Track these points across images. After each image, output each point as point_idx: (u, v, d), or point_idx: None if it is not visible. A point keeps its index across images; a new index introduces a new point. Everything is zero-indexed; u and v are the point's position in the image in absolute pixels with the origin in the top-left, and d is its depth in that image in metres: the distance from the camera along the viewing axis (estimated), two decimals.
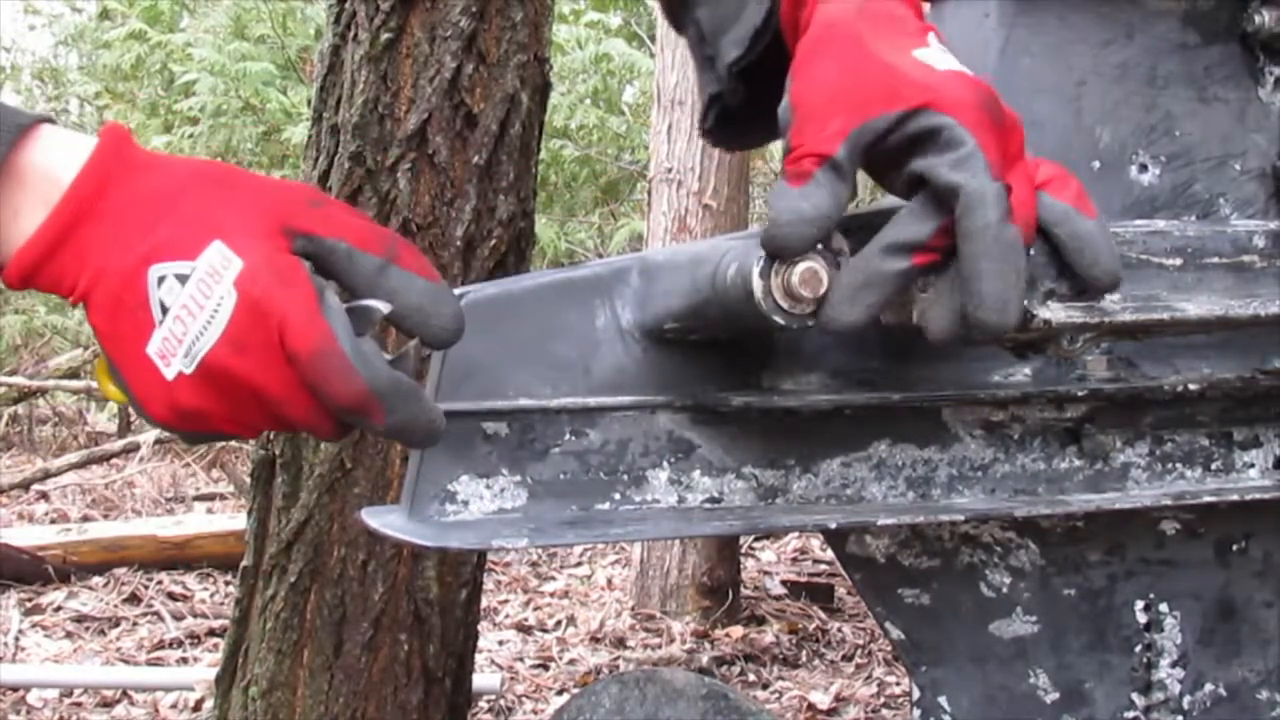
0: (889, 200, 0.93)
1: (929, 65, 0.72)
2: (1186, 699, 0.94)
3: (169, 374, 0.68)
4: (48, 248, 0.68)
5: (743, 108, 0.90)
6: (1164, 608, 0.94)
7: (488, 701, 3.14)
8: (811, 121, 0.71)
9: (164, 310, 0.67)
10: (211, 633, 3.63)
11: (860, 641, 3.72)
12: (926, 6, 0.99)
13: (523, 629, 3.88)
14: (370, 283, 0.71)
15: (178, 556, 4.31)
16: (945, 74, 0.72)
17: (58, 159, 0.69)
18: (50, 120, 0.71)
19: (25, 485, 5.30)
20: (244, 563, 1.93)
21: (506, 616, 4.00)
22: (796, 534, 4.66)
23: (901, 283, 0.70)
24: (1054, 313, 0.73)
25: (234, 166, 0.74)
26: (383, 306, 0.70)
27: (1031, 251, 0.71)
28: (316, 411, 0.69)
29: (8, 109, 0.69)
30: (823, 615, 4.00)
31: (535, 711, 3.16)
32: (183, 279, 0.67)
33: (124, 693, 3.13)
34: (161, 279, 0.67)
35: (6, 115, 0.69)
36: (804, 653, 3.66)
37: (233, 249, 0.67)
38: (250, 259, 0.67)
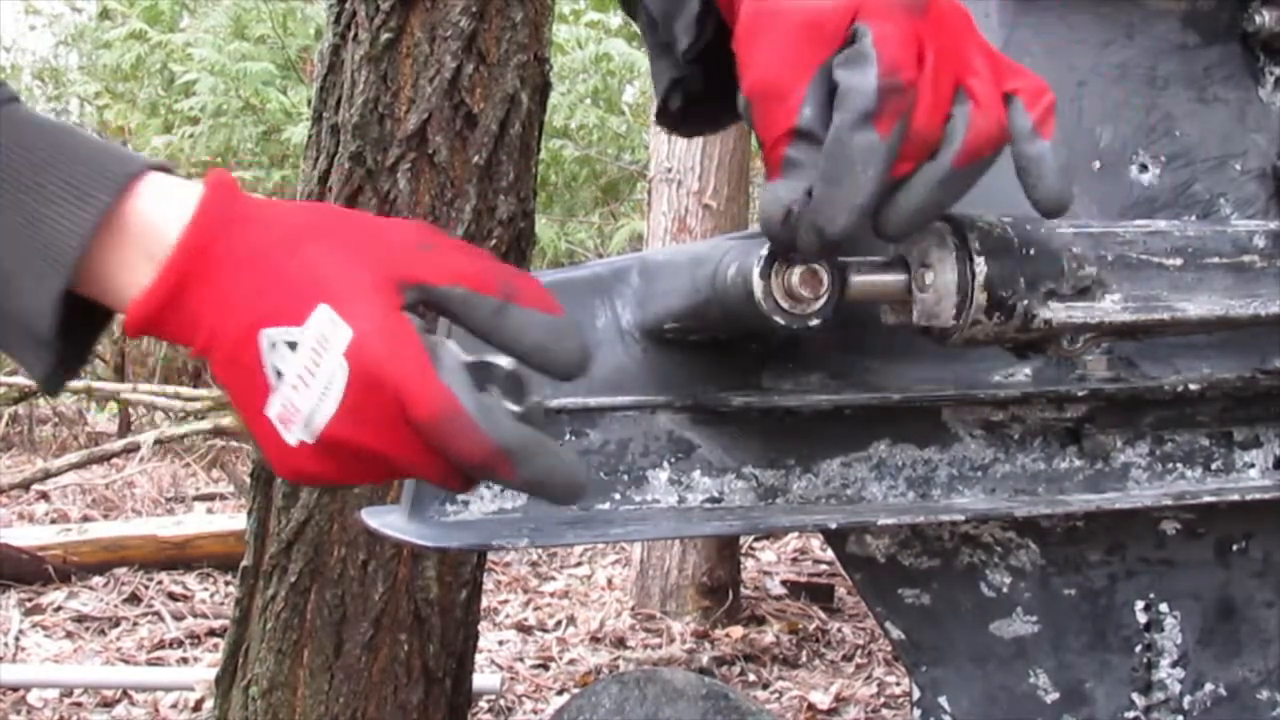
0: None
1: None
2: (1186, 699, 0.94)
3: (291, 440, 0.66)
4: (158, 307, 0.66)
5: (703, 93, 0.89)
6: (1164, 608, 0.94)
7: (488, 701, 3.13)
8: (767, 103, 0.70)
9: (279, 375, 0.66)
10: (211, 633, 3.63)
11: (860, 641, 3.72)
12: None
13: (523, 629, 3.88)
14: (488, 325, 0.68)
15: (178, 556, 4.31)
16: None
17: (163, 211, 0.67)
18: (164, 169, 0.69)
19: (25, 485, 5.30)
20: (244, 563, 1.93)
21: (506, 616, 4.00)
22: (796, 534, 4.66)
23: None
24: (1054, 313, 0.73)
25: (344, 211, 0.71)
26: (505, 363, 0.68)
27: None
28: (445, 470, 0.67)
29: (120, 153, 0.68)
30: (823, 615, 4.00)
31: (535, 711, 3.16)
32: (293, 345, 0.65)
33: (124, 693, 3.13)
34: (273, 344, 0.65)
35: (115, 162, 0.67)
36: (804, 653, 3.66)
37: (341, 314, 0.65)
38: (359, 326, 0.65)
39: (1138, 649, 0.94)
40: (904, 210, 0.69)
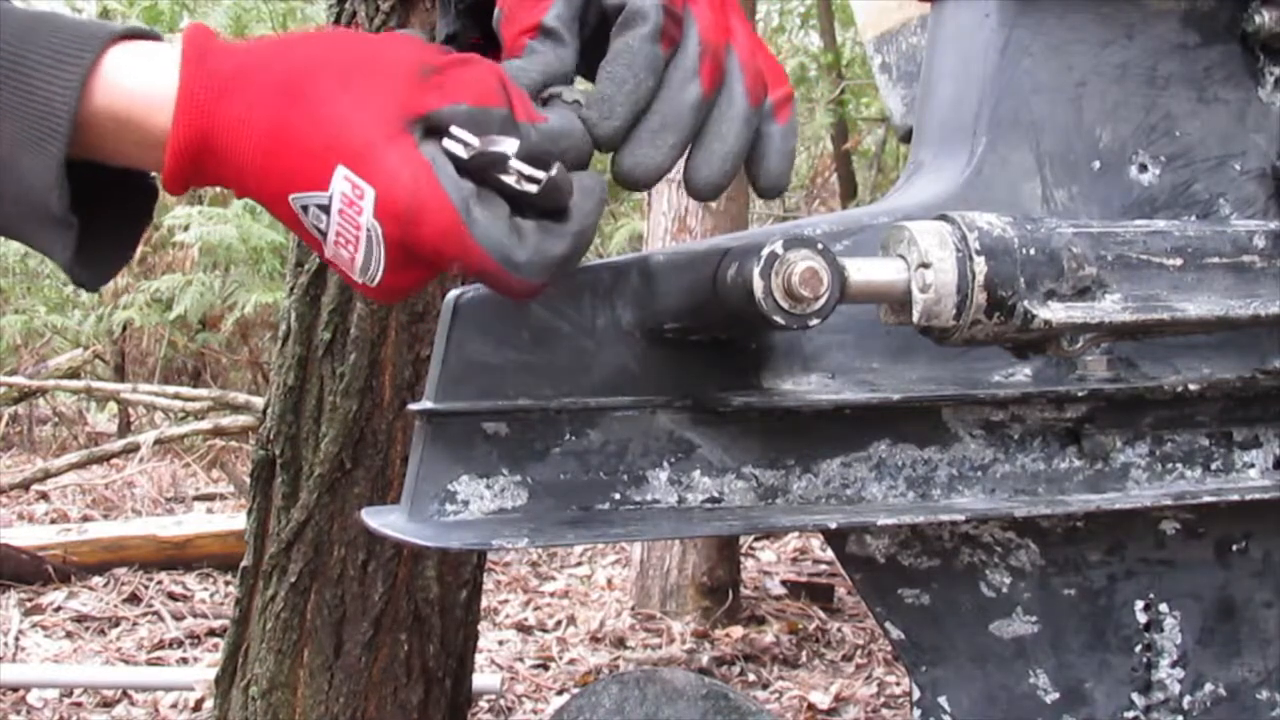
0: (889, 203, 0.93)
1: None
2: (1186, 699, 0.94)
3: (357, 279, 0.69)
4: (185, 170, 0.67)
5: (475, 48, 0.88)
6: (1164, 608, 0.94)
7: (488, 701, 3.13)
8: (518, 8, 0.73)
9: (321, 234, 0.67)
10: (211, 633, 3.62)
11: (860, 641, 3.72)
12: (926, 7, 0.99)
13: (523, 629, 3.88)
14: (499, 135, 0.69)
15: (178, 556, 4.31)
16: None
17: (148, 71, 0.67)
18: (145, 35, 0.69)
19: (25, 485, 5.30)
20: (244, 563, 1.93)
21: (506, 616, 4.00)
22: (796, 534, 4.66)
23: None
24: (1054, 313, 0.73)
25: (332, 37, 0.71)
26: (507, 148, 0.69)
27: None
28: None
29: (101, 22, 0.69)
30: (823, 615, 4.00)
31: (535, 711, 3.16)
32: (324, 208, 0.66)
33: (124, 693, 3.13)
34: (304, 208, 0.67)
35: (94, 27, 0.67)
36: (804, 653, 3.66)
37: (360, 174, 0.66)
38: (380, 184, 0.65)
39: (1138, 649, 0.94)
40: (719, 155, 0.74)
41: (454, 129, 0.67)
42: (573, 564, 4.72)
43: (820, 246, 0.70)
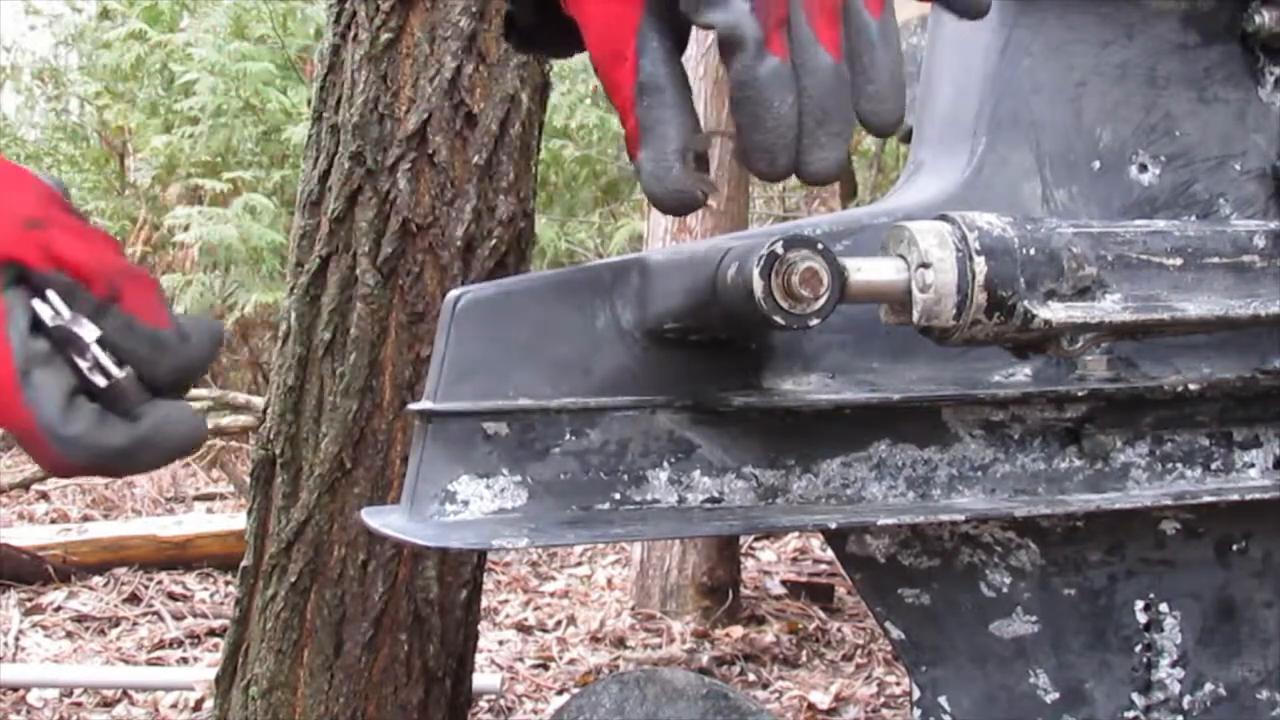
0: (889, 203, 0.93)
1: None
2: (1186, 699, 0.94)
3: None
4: None
5: (535, 25, 0.84)
6: (1164, 608, 0.94)
7: (488, 701, 3.13)
8: (608, 68, 0.68)
9: None
10: (211, 633, 3.62)
11: (860, 641, 3.72)
12: (926, 7, 0.99)
13: (523, 629, 3.88)
14: (88, 317, 0.65)
15: (178, 556, 4.31)
16: None
17: None
18: None
19: (25, 485, 5.30)
20: (244, 563, 1.93)
21: (506, 616, 3.99)
22: (796, 534, 4.66)
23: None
24: (1054, 313, 0.73)
25: None
26: (88, 334, 0.65)
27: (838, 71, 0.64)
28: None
29: None
30: (823, 615, 4.00)
31: (535, 711, 3.16)
32: None
33: (124, 693, 3.13)
34: None
35: None
36: (804, 653, 3.66)
37: None
38: None
39: (1138, 649, 0.94)
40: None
41: (49, 293, 0.65)
42: (573, 564, 4.72)
43: (820, 246, 0.70)
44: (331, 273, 1.84)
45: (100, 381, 0.65)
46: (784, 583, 4.33)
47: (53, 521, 4.98)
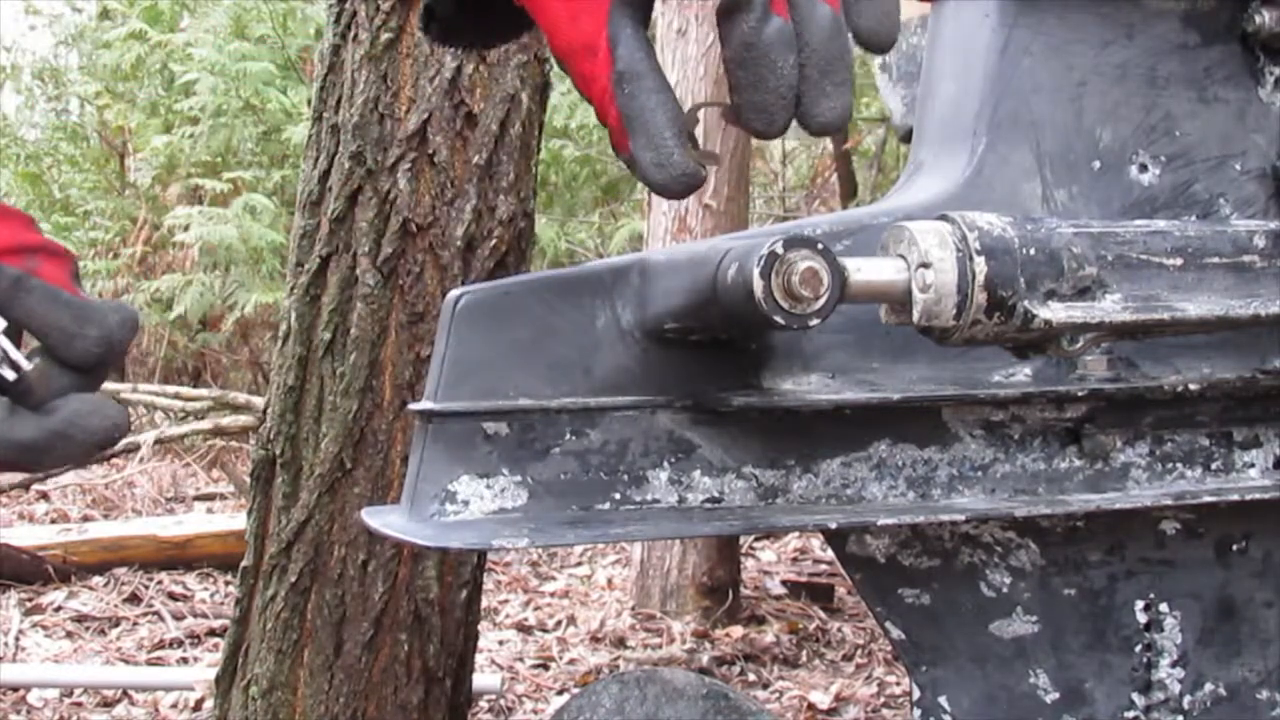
0: (889, 203, 0.93)
1: None
2: (1186, 699, 0.94)
3: None
4: None
5: (455, 16, 0.82)
6: (1164, 608, 0.94)
7: (488, 701, 3.13)
8: (578, 62, 0.66)
9: None
10: (211, 633, 3.62)
11: (860, 641, 3.72)
12: (926, 7, 0.99)
13: (523, 629, 3.88)
14: (6, 297, 0.65)
15: (178, 556, 4.31)
16: None
17: None
18: None
19: (25, 485, 5.30)
20: (244, 563, 1.93)
21: (506, 616, 3.99)
22: (796, 534, 4.66)
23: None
24: (1054, 313, 0.73)
25: None
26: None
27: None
28: None
29: None
30: (823, 615, 4.00)
31: (535, 711, 3.16)
32: None
33: (124, 693, 3.13)
34: None
35: None
36: (804, 653, 3.66)
37: None
38: None
39: (1138, 649, 0.94)
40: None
41: None
42: (573, 564, 4.72)
43: (820, 246, 0.70)
44: (331, 273, 1.84)
45: (8, 375, 0.64)
46: (784, 583, 4.33)
47: (53, 521, 4.98)
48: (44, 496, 5.49)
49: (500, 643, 3.71)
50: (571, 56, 0.67)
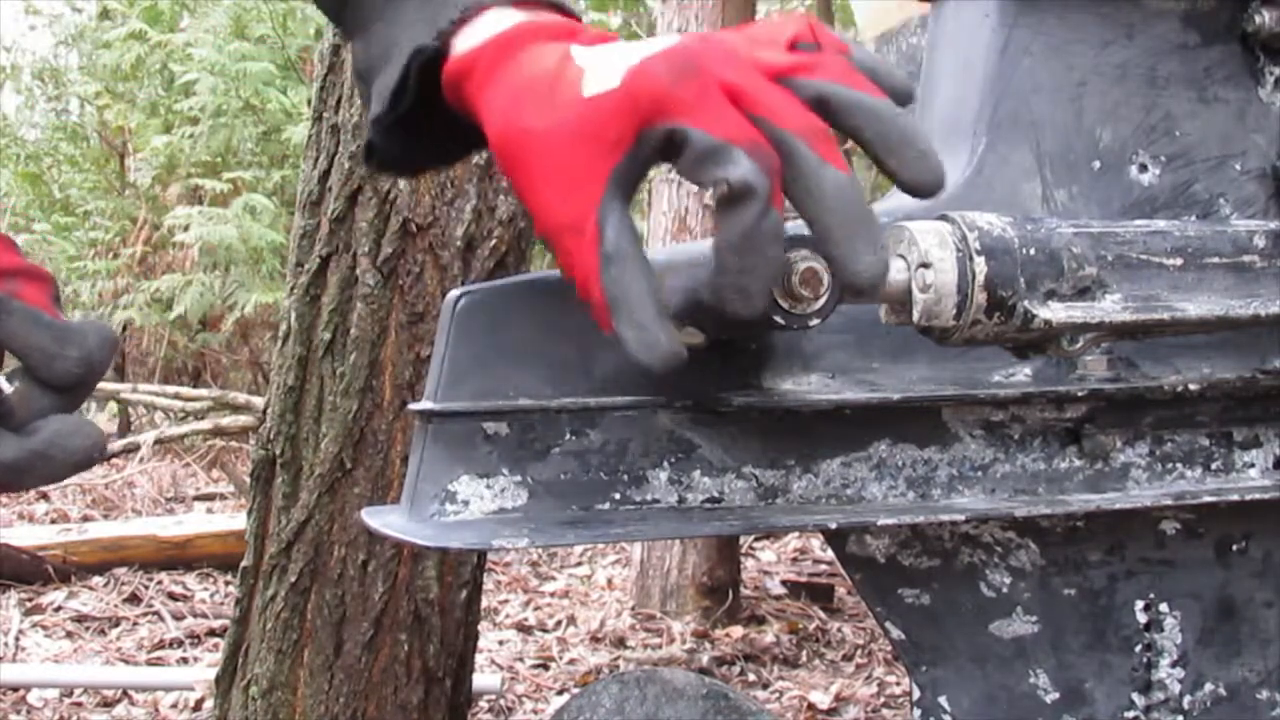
0: (889, 203, 0.93)
1: (602, 88, 0.65)
2: (1186, 699, 0.94)
3: None
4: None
5: (398, 156, 0.82)
6: (1164, 608, 0.94)
7: (488, 701, 3.13)
8: (564, 240, 0.66)
9: None
10: (211, 633, 3.62)
11: (860, 641, 3.72)
12: (926, 7, 0.99)
13: (523, 629, 3.88)
14: None
15: (178, 556, 4.31)
16: (624, 77, 0.64)
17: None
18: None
19: None
20: (244, 563, 1.93)
21: (506, 616, 4.00)
22: (796, 534, 4.66)
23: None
24: (1054, 313, 0.73)
25: None
26: None
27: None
28: None
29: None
30: (823, 615, 4.00)
31: (535, 711, 3.16)
32: None
33: (124, 693, 3.13)
34: None
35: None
36: (804, 653, 3.66)
37: None
38: None
39: (1138, 649, 0.94)
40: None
41: None
42: (573, 564, 4.72)
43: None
44: (331, 273, 1.84)
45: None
46: (784, 583, 4.34)
47: (53, 521, 4.98)
48: (44, 496, 5.49)
49: (500, 643, 3.71)
50: (559, 235, 0.67)
